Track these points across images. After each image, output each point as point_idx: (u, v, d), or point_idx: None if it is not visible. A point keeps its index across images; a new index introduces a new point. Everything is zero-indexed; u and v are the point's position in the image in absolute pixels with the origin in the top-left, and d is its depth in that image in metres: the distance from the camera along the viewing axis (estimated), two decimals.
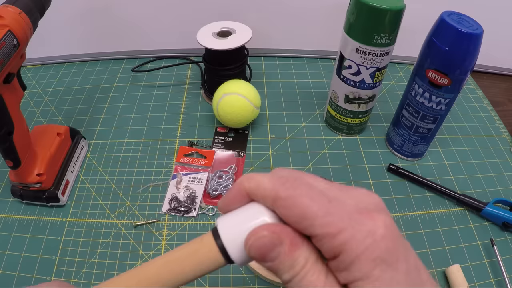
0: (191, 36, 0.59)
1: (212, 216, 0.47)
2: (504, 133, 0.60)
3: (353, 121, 0.55)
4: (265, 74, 0.69)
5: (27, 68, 0.71)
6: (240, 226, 0.20)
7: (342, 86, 0.52)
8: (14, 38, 0.37)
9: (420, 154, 0.54)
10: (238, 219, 0.20)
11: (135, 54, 0.72)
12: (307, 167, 0.53)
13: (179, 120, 0.60)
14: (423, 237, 0.46)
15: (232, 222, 0.20)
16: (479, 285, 0.42)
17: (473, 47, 0.41)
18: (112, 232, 0.46)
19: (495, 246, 0.43)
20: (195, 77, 0.69)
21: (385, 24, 0.44)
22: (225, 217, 0.21)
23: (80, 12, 0.66)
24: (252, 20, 0.65)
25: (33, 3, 0.40)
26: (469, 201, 0.48)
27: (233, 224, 0.20)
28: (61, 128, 0.50)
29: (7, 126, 0.40)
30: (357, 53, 0.47)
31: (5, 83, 0.38)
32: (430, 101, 0.46)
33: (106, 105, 0.63)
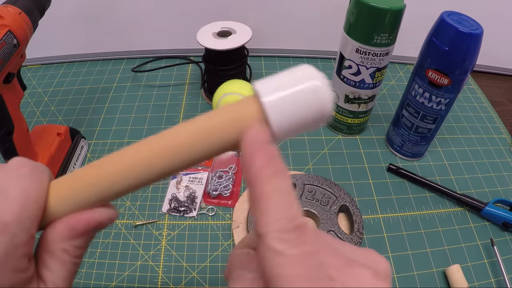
0: (191, 36, 0.59)
1: (212, 216, 0.47)
2: (504, 133, 0.60)
3: (353, 121, 0.55)
4: (265, 74, 0.69)
5: (27, 68, 0.71)
6: (286, 89, 0.17)
7: (342, 86, 0.52)
8: (14, 38, 0.37)
9: (420, 154, 0.54)
10: (281, 81, 0.17)
11: (135, 54, 0.72)
12: (307, 167, 0.53)
13: (179, 120, 0.60)
14: (423, 237, 0.46)
15: (274, 84, 0.17)
16: (479, 285, 0.42)
17: (473, 47, 0.41)
18: (112, 232, 0.46)
19: (495, 246, 0.43)
20: (195, 77, 0.69)
21: (385, 24, 0.44)
22: (266, 80, 0.18)
23: (80, 12, 0.66)
24: (252, 20, 0.65)
25: (33, 3, 0.40)
26: (469, 201, 0.48)
27: (276, 86, 0.17)
28: (61, 128, 0.50)
29: (7, 126, 0.40)
30: (357, 53, 0.47)
31: (5, 83, 0.38)
32: (430, 101, 0.46)
33: (106, 105, 0.63)
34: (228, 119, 0.18)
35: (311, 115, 0.17)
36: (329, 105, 0.18)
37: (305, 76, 0.17)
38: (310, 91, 0.17)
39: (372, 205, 0.49)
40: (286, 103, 0.17)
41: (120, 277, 0.42)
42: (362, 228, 0.44)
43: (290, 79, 0.18)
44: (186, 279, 0.42)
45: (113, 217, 0.19)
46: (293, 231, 0.15)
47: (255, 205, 0.16)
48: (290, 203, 0.16)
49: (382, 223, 0.47)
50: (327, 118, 0.18)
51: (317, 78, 0.17)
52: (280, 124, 0.17)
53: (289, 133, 0.18)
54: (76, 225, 0.18)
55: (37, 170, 0.18)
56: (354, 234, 0.43)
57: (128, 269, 0.42)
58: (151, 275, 0.42)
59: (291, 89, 0.17)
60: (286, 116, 0.17)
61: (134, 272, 0.42)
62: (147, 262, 0.43)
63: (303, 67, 0.18)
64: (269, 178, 0.16)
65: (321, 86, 0.17)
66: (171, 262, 0.43)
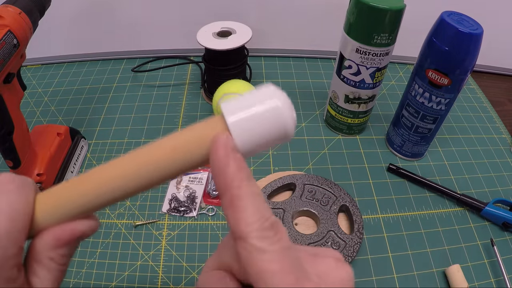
0: (191, 36, 0.59)
1: (212, 216, 0.47)
2: (504, 133, 0.60)
3: (353, 121, 0.55)
4: (265, 74, 0.69)
5: (27, 68, 0.71)
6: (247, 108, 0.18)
7: (342, 86, 0.52)
8: (14, 38, 0.37)
9: (420, 154, 0.54)
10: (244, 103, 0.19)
11: (135, 54, 0.72)
12: (307, 167, 0.53)
13: (179, 120, 0.60)
14: (423, 237, 0.46)
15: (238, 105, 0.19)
16: (479, 285, 0.42)
17: (473, 47, 0.41)
18: (112, 232, 0.46)
19: (495, 246, 0.43)
20: (195, 77, 0.69)
21: (385, 24, 0.44)
22: (230, 102, 0.19)
23: (80, 12, 0.66)
24: (252, 20, 0.65)
25: (33, 3, 0.40)
26: (469, 201, 0.48)
27: (239, 107, 0.19)
28: (61, 128, 0.50)
29: (7, 126, 0.40)
30: (357, 53, 0.47)
31: (5, 83, 0.38)
32: (430, 101, 0.46)
33: (106, 105, 0.63)
34: (197, 137, 0.19)
35: (273, 134, 0.19)
36: (290, 124, 0.19)
37: (267, 96, 0.19)
38: (271, 111, 0.18)
39: (372, 205, 0.49)
40: (248, 123, 0.18)
41: (120, 277, 0.42)
42: (362, 228, 0.44)
43: (254, 100, 0.19)
44: (186, 279, 0.42)
45: (95, 228, 0.21)
46: (270, 229, 0.17)
47: (232, 210, 0.17)
48: (262, 204, 0.17)
49: (382, 223, 0.47)
50: (290, 136, 0.19)
51: (278, 98, 0.19)
52: (244, 143, 0.18)
53: (252, 151, 0.19)
54: (61, 235, 0.19)
55: (24, 185, 0.19)
56: (354, 234, 0.43)
57: (128, 269, 0.42)
58: (151, 275, 0.42)
59: (253, 109, 0.18)
60: (249, 136, 0.18)
61: (134, 272, 0.42)
62: (147, 262, 0.43)
63: (266, 87, 0.19)
64: (241, 182, 0.17)
65: (281, 107, 0.18)
66: (171, 262, 0.43)
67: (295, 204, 0.46)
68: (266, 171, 0.52)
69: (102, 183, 0.19)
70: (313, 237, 0.43)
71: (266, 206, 0.18)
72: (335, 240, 0.43)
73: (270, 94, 0.19)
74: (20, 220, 0.18)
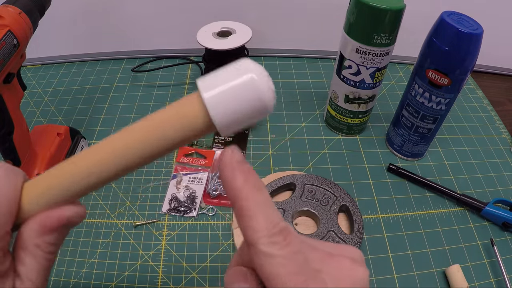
0: (191, 36, 0.59)
1: (212, 216, 0.47)
2: (504, 133, 0.60)
3: (353, 121, 0.55)
4: None
5: (27, 68, 0.71)
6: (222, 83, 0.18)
7: (342, 86, 0.52)
8: (14, 38, 0.37)
9: (420, 154, 0.54)
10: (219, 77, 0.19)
11: (135, 54, 0.72)
12: (307, 167, 0.53)
13: None
14: (423, 237, 0.46)
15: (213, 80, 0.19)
16: (479, 285, 0.42)
17: (473, 47, 0.41)
18: (112, 232, 0.46)
19: (495, 246, 0.43)
20: (195, 77, 0.69)
21: (385, 24, 0.44)
22: (205, 78, 0.19)
23: (80, 12, 0.66)
24: (252, 20, 0.65)
25: (33, 3, 0.40)
26: (469, 201, 0.48)
27: (214, 82, 0.19)
28: (61, 128, 0.50)
29: (7, 126, 0.40)
30: (357, 53, 0.47)
31: (5, 83, 0.38)
32: (430, 101, 0.46)
33: (106, 105, 0.63)
34: (174, 115, 0.19)
35: (250, 107, 0.19)
36: (267, 96, 0.18)
37: (242, 69, 0.19)
38: (247, 84, 0.18)
39: (372, 205, 0.49)
40: (224, 97, 0.18)
41: (120, 277, 0.42)
42: (362, 228, 0.44)
43: (229, 74, 0.19)
44: (186, 279, 0.42)
45: (82, 213, 0.21)
46: (279, 234, 0.18)
47: (242, 219, 0.18)
48: (271, 211, 0.18)
49: (382, 223, 0.47)
50: (269, 109, 0.19)
51: (254, 71, 0.19)
52: (221, 118, 0.18)
53: (231, 125, 0.19)
54: (46, 221, 0.19)
55: (11, 172, 0.20)
56: (354, 234, 0.43)
57: (128, 269, 0.42)
58: (151, 275, 0.42)
59: (229, 83, 0.18)
60: (226, 110, 0.18)
61: (134, 272, 0.42)
62: (147, 262, 0.43)
63: (242, 61, 0.19)
64: (248, 193, 0.18)
65: (256, 79, 0.18)
66: (171, 262, 0.43)
67: (295, 204, 0.46)
68: (266, 171, 0.52)
69: (87, 165, 0.19)
70: (313, 237, 0.43)
71: (275, 213, 0.18)
72: (335, 240, 0.43)
73: (245, 67, 0.19)
74: (5, 205, 0.18)
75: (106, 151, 0.20)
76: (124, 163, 0.19)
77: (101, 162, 0.19)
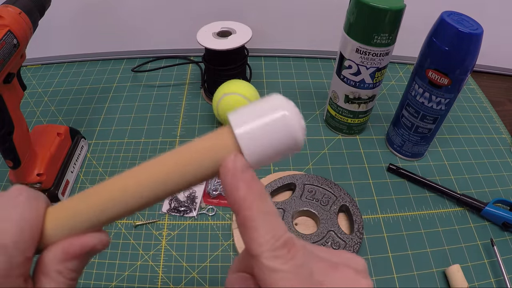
0: (191, 36, 0.59)
1: (212, 216, 0.47)
2: (504, 133, 0.60)
3: (353, 121, 0.55)
4: (265, 74, 0.69)
5: (27, 68, 0.71)
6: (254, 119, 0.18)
7: (342, 86, 0.52)
8: (14, 38, 0.37)
9: (420, 154, 0.54)
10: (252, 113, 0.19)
11: (135, 54, 0.72)
12: (307, 167, 0.53)
13: (179, 120, 0.60)
14: (423, 237, 0.46)
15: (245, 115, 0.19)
16: (479, 285, 0.42)
17: (473, 47, 0.41)
18: (112, 232, 0.46)
19: (495, 246, 0.43)
20: (195, 77, 0.69)
21: (385, 24, 0.44)
22: (237, 112, 0.19)
23: (80, 12, 0.66)
24: (252, 20, 0.65)
25: (33, 3, 0.40)
26: (469, 201, 0.48)
27: (246, 117, 0.19)
28: (61, 128, 0.50)
29: (7, 126, 0.40)
30: (357, 53, 0.47)
31: (5, 83, 0.38)
32: (430, 101, 0.46)
33: (106, 105, 0.63)
34: (205, 150, 0.19)
35: (282, 144, 0.19)
36: (298, 133, 0.19)
37: (274, 106, 0.19)
38: (279, 121, 0.18)
39: (372, 205, 0.49)
40: (257, 134, 0.18)
41: (120, 277, 0.42)
42: (362, 228, 0.44)
43: (261, 110, 0.19)
44: (186, 279, 0.42)
45: (105, 242, 0.20)
46: (283, 248, 0.17)
47: (244, 230, 0.18)
48: (275, 222, 0.18)
49: (382, 223, 0.47)
50: (299, 145, 0.19)
51: (286, 108, 0.18)
52: (253, 154, 0.18)
53: (262, 161, 0.19)
54: (69, 248, 0.19)
55: (34, 197, 0.20)
56: (354, 234, 0.43)
57: (128, 269, 0.42)
58: (151, 275, 0.42)
59: (261, 120, 0.18)
60: (258, 146, 0.18)
61: (134, 272, 0.42)
62: (147, 262, 0.43)
63: (274, 97, 0.19)
64: (252, 203, 0.18)
65: (289, 116, 0.18)
66: (171, 262, 0.43)
67: (295, 204, 0.46)
68: (266, 171, 0.52)
69: (113, 194, 0.19)
70: (313, 237, 0.43)
71: (279, 224, 0.18)
72: (335, 240, 0.43)
73: (278, 104, 0.19)
74: (28, 230, 0.18)
75: (138, 180, 0.20)
76: (157, 192, 0.19)
77: (126, 193, 0.19)
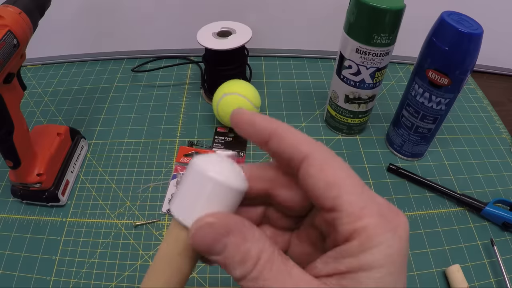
0: (191, 36, 0.59)
1: None
2: (504, 133, 0.60)
3: (353, 121, 0.55)
4: (265, 74, 0.69)
5: (27, 68, 0.71)
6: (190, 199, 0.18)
7: (342, 86, 0.52)
8: (14, 38, 0.37)
9: (420, 154, 0.54)
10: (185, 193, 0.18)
11: (135, 54, 0.72)
12: None
13: (179, 120, 0.60)
14: (423, 237, 0.46)
15: (184, 202, 0.18)
16: (479, 285, 0.42)
17: (473, 47, 0.41)
18: (112, 232, 0.46)
19: (495, 246, 0.43)
20: (195, 77, 0.69)
21: (385, 24, 0.44)
22: (176, 200, 0.19)
23: (80, 12, 0.66)
24: (252, 20, 0.65)
25: (33, 3, 0.40)
26: (469, 201, 0.48)
27: (183, 200, 0.18)
28: (61, 128, 0.50)
29: (7, 126, 0.40)
30: (357, 53, 0.47)
31: (5, 83, 0.38)
32: (430, 101, 0.46)
33: (106, 105, 0.63)
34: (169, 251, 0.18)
35: (227, 202, 0.18)
36: (237, 183, 0.18)
37: (200, 176, 0.18)
38: (213, 188, 0.18)
39: None
40: (198, 210, 0.18)
41: (120, 277, 0.42)
42: None
43: (190, 186, 0.18)
44: None
45: None
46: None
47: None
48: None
49: None
50: (242, 190, 0.19)
51: (212, 171, 0.18)
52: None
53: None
54: None
55: None
56: None
57: (128, 269, 0.42)
58: None
59: (195, 196, 0.18)
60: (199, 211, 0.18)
61: (134, 272, 0.42)
62: (147, 262, 0.43)
63: (194, 163, 0.18)
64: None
65: (218, 179, 0.18)
66: None
67: None
68: None
69: None
70: None
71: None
72: None
73: (201, 170, 0.18)
74: None
75: None
76: None
77: None
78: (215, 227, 0.17)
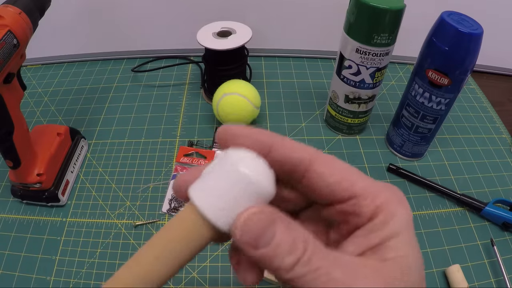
0: (191, 36, 0.59)
1: None
2: (504, 133, 0.60)
3: (353, 121, 0.55)
4: (265, 74, 0.69)
5: (27, 68, 0.71)
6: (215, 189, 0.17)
7: (342, 86, 0.52)
8: (14, 38, 0.37)
9: (420, 154, 0.54)
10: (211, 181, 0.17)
11: (135, 54, 0.72)
12: None
13: (179, 120, 0.60)
14: (423, 237, 0.46)
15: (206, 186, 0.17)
16: (479, 285, 0.42)
17: (473, 47, 0.41)
18: (112, 232, 0.46)
19: (495, 246, 0.43)
20: (195, 77, 0.69)
21: (385, 24, 0.44)
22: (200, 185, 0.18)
23: (80, 12, 0.66)
24: (252, 20, 0.65)
25: (33, 3, 0.40)
26: (469, 201, 0.48)
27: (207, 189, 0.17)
28: (61, 128, 0.50)
29: (7, 126, 0.40)
30: (357, 53, 0.47)
31: (5, 83, 0.38)
32: (430, 101, 0.46)
33: (106, 105, 0.63)
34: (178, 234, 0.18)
35: (251, 201, 0.17)
36: (265, 187, 0.17)
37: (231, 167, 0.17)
38: (240, 183, 0.17)
39: None
40: (221, 203, 0.17)
41: None
42: None
43: (219, 174, 0.17)
44: (186, 279, 0.42)
45: None
46: None
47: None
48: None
49: None
50: (271, 193, 0.18)
51: (243, 165, 0.17)
52: (225, 223, 0.17)
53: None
54: None
55: None
56: None
57: None
58: None
59: (221, 187, 0.17)
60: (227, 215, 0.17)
61: None
62: None
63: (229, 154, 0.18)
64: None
65: (249, 174, 0.17)
66: None
67: None
68: None
69: None
70: None
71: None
72: None
73: (233, 162, 0.17)
74: None
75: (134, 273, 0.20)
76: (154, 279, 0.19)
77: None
78: (263, 216, 0.16)
